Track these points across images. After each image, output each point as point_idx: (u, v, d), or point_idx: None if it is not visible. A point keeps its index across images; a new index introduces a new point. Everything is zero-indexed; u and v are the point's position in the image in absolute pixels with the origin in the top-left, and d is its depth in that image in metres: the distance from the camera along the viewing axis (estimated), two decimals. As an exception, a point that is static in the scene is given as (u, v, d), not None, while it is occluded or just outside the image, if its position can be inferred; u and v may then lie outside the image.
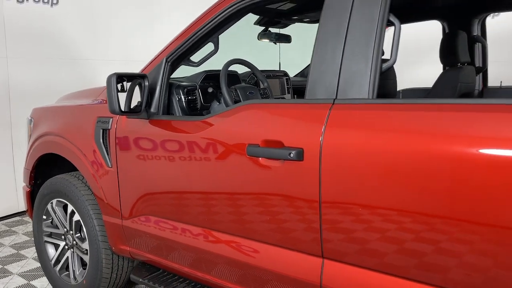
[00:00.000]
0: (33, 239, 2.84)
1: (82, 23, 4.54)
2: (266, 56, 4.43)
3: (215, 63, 2.38)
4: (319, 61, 1.56)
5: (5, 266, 3.13)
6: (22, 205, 3.95)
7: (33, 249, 3.36)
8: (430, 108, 1.31)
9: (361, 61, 1.46)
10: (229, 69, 2.51)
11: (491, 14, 4.62)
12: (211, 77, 2.41)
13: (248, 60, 2.53)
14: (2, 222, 4.15)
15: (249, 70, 2.66)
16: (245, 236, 1.75)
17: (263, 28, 2.90)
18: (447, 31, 2.64)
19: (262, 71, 2.80)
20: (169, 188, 2.02)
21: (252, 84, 2.63)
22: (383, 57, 1.48)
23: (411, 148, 1.28)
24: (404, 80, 3.18)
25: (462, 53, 2.29)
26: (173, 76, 2.32)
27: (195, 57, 2.14)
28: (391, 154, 1.32)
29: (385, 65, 1.48)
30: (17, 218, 4.26)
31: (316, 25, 1.64)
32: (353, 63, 1.47)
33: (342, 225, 1.45)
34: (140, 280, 2.24)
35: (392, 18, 1.49)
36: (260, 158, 1.62)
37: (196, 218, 1.93)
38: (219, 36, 2.07)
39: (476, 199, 1.18)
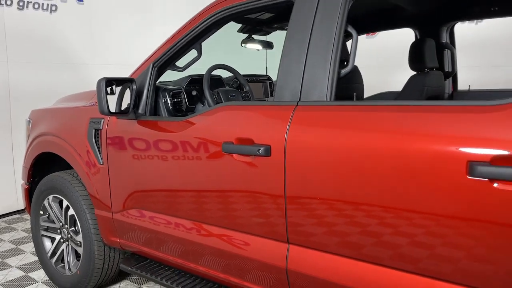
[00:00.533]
0: (31, 235, 3.01)
1: (81, 29, 4.73)
2: (254, 61, 4.62)
3: (202, 68, 2.56)
4: (286, 68, 1.74)
5: (4, 260, 3.31)
6: (21, 204, 4.12)
7: (31, 244, 3.54)
8: (376, 109, 1.50)
9: (321, 68, 1.64)
10: (214, 73, 2.69)
11: (475, 21, 4.81)
12: (196, 81, 2.59)
13: (229, 65, 2.71)
14: (2, 219, 4.33)
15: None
16: (220, 225, 1.93)
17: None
18: (418, 38, 2.82)
19: (246, 75, 2.98)
20: (154, 183, 2.19)
21: (236, 88, 2.81)
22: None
23: (360, 144, 1.46)
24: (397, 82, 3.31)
25: (429, 59, 2.46)
26: (162, 80, 2.51)
27: (180, 63, 2.33)
28: (344, 149, 1.50)
29: (343, 71, 1.66)
30: (17, 215, 4.45)
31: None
32: (314, 70, 1.65)
33: (304, 213, 1.63)
34: (129, 269, 2.41)
35: (350, 29, 1.67)
36: (234, 154, 1.79)
37: (179, 210, 2.10)
38: (202, 43, 2.24)
39: (415, 189, 1.36)
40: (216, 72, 2.69)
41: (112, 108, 2.12)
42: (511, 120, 1.21)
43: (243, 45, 3.00)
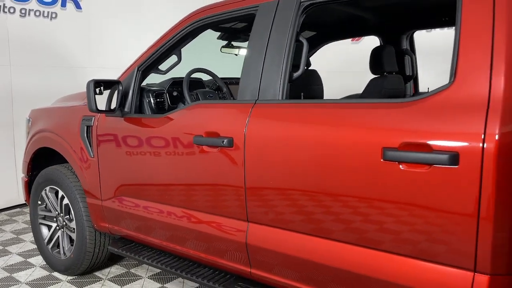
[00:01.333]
0: (30, 226, 3.30)
1: (79, 35, 5.03)
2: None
3: (186, 72, 2.84)
4: (247, 71, 2.03)
5: (5, 247, 3.59)
6: (22, 198, 4.39)
7: (31, 234, 3.81)
8: (315, 106, 1.79)
9: (275, 72, 1.92)
10: (196, 76, 2.97)
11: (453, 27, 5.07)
12: (178, 83, 2.88)
13: (208, 69, 2.99)
14: (4, 212, 4.62)
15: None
16: (192, 208, 2.21)
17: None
18: (381, 44, 3.10)
19: (227, 78, 3.27)
20: (138, 173, 2.47)
21: (215, 90, 3.09)
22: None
23: (300, 134, 1.75)
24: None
25: (387, 64, 2.72)
26: (149, 82, 2.79)
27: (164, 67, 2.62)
28: (292, 140, 1.78)
29: (295, 74, 1.94)
30: (18, 209, 4.74)
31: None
32: (270, 74, 1.94)
33: (261, 196, 1.91)
34: (116, 250, 2.69)
35: (301, 38, 1.96)
36: (203, 146, 2.08)
37: (159, 197, 2.38)
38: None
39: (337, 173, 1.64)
40: (198, 75, 2.97)
41: (101, 107, 2.41)
42: (415, 114, 1.49)
43: (222, 50, 3.29)
